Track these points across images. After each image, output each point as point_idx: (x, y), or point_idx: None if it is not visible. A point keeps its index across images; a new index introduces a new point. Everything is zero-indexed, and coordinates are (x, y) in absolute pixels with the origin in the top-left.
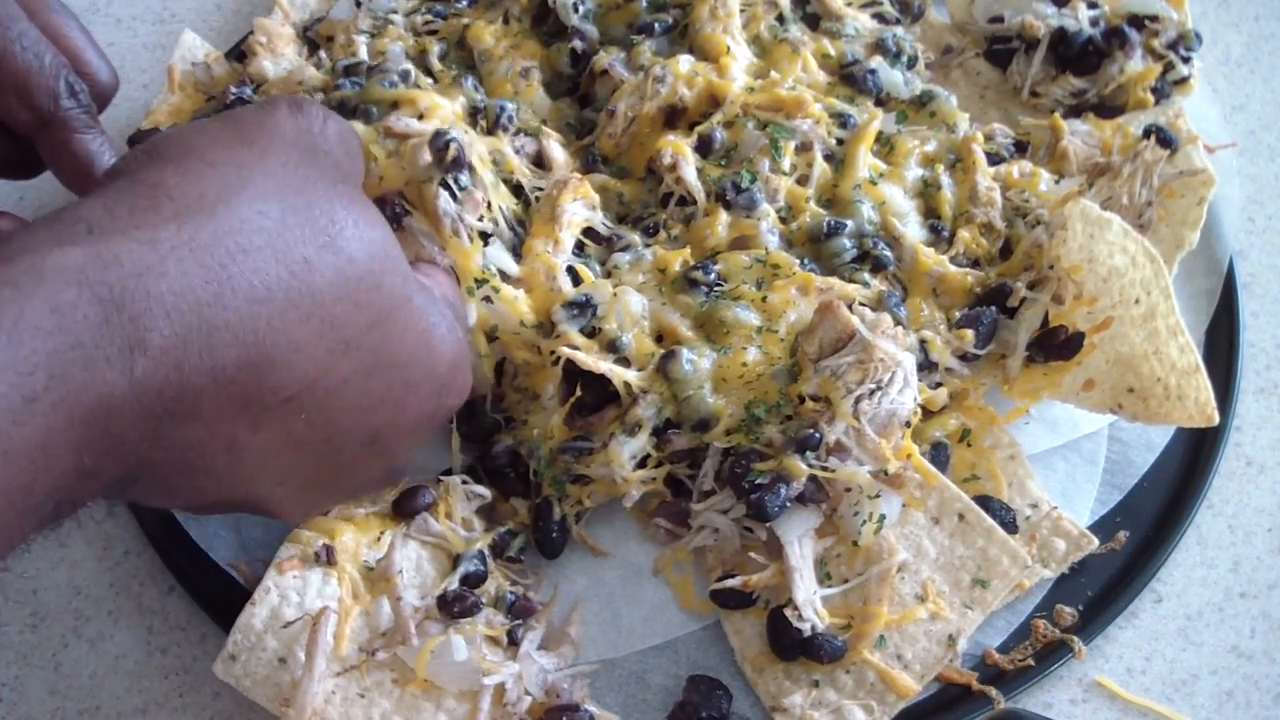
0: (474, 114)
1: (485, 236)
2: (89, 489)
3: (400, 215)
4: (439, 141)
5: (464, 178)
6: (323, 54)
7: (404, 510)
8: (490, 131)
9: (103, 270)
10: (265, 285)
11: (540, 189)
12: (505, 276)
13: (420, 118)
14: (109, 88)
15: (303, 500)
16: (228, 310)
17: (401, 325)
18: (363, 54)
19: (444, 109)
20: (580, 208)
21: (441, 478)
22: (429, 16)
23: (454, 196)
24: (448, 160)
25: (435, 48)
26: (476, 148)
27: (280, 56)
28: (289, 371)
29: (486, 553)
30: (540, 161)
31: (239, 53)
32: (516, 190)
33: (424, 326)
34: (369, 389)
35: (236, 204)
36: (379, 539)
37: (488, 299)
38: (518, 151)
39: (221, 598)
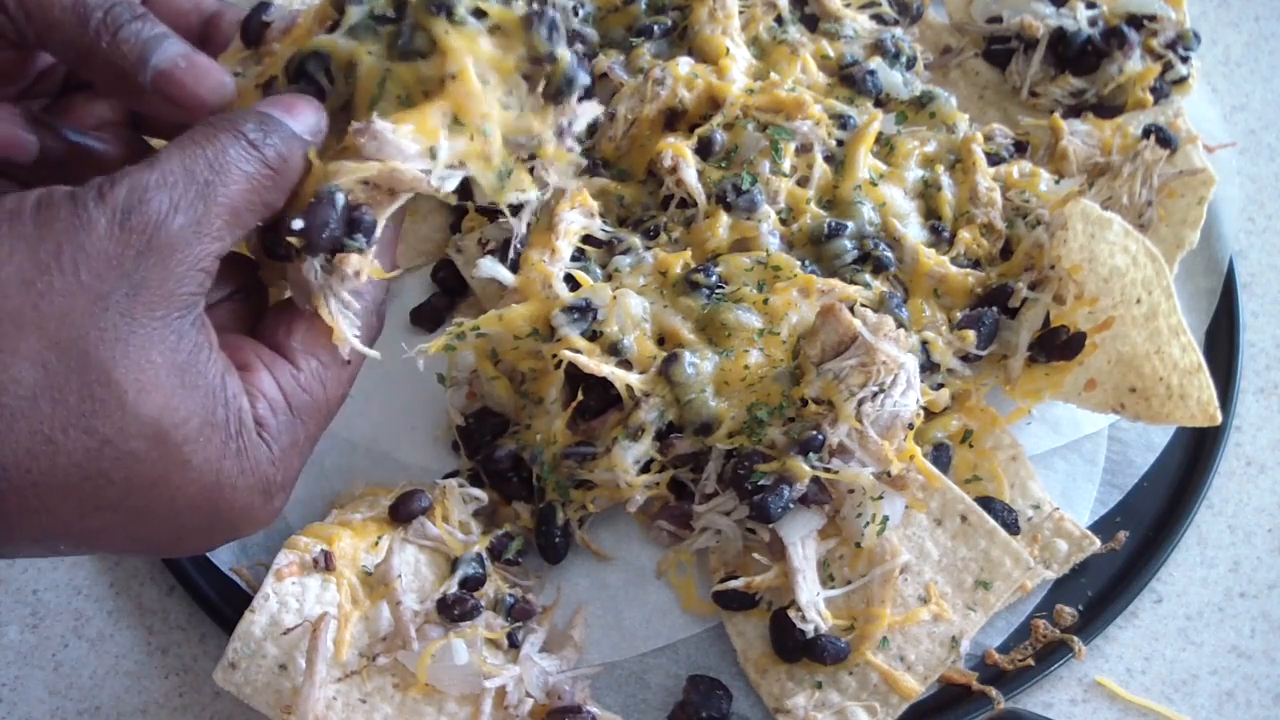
0: (537, 62)
1: (484, 244)
2: None
3: (291, 255)
4: (304, 220)
5: (355, 240)
6: None
7: (401, 514)
8: (549, 98)
9: None
10: None
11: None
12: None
13: (441, 82)
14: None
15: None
16: None
17: (174, 488)
18: None
19: (471, 84)
20: (578, 216)
21: (438, 481)
22: None
23: (328, 262)
24: (311, 245)
25: None
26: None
27: None
28: (30, 526)
29: (484, 555)
30: None
31: None
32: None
33: (207, 484)
34: (132, 532)
35: None
36: (377, 544)
37: (477, 333)
38: (560, 133)
39: (221, 598)
